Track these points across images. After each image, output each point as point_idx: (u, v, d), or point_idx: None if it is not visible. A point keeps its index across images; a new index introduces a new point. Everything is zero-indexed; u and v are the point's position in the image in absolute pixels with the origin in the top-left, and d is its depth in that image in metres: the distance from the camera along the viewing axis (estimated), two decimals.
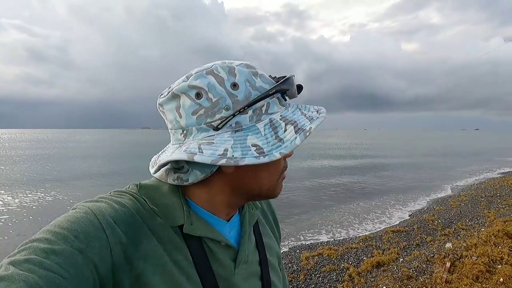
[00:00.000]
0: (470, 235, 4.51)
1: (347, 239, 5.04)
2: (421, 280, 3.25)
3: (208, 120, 0.46)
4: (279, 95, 0.50)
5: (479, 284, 3.03)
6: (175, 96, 0.48)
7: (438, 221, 5.58)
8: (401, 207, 7.21)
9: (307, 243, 4.99)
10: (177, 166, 0.50)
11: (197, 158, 0.43)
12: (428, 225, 5.39)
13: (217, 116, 0.46)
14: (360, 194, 9.00)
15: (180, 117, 0.48)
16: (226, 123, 0.46)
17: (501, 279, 3.07)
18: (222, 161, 0.42)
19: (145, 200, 0.49)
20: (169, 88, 0.49)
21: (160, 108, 0.51)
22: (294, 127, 0.47)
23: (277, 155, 0.44)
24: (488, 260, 3.48)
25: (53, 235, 0.38)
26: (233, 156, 0.43)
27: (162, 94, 0.50)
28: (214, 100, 0.46)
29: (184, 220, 0.49)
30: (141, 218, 0.47)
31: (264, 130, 0.46)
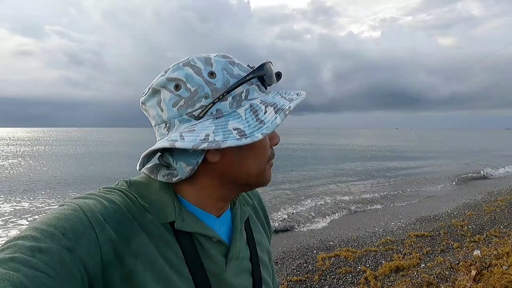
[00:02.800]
0: (503, 243, 4.19)
1: (367, 241, 4.90)
2: (442, 287, 3.09)
3: (189, 110, 0.47)
4: (258, 82, 0.52)
5: None
6: (155, 92, 0.49)
7: (467, 226, 5.23)
8: (428, 211, 6.84)
9: (325, 244, 4.92)
10: (164, 162, 0.51)
11: (178, 144, 0.44)
12: (457, 230, 5.07)
13: (197, 105, 0.47)
14: (384, 196, 8.67)
15: (162, 111, 0.48)
16: (207, 111, 0.47)
17: None
18: (204, 145, 0.43)
19: (135, 197, 0.49)
20: (150, 85, 0.50)
21: (143, 107, 0.52)
22: (274, 108, 0.48)
23: (258, 136, 0.44)
24: None
25: (40, 232, 0.37)
26: (214, 140, 0.44)
27: (143, 92, 0.51)
28: (192, 89, 0.47)
29: (176, 216, 0.49)
30: (132, 215, 0.46)
31: (245, 114, 0.47)
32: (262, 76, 0.51)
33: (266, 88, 0.54)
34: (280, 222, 6.34)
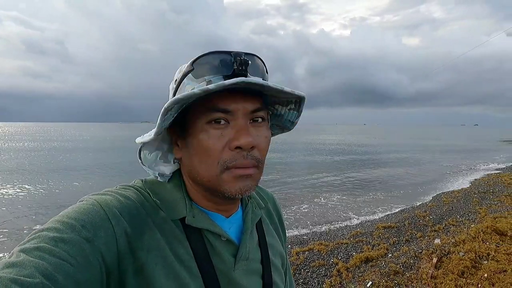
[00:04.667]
0: (460, 231, 4.56)
1: (339, 234, 5.09)
2: (408, 275, 3.29)
3: None
4: (212, 77, 0.47)
5: (464, 279, 3.07)
6: None
7: (429, 217, 5.63)
8: (393, 203, 7.26)
9: (299, 238, 5.04)
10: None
11: (136, 139, 0.51)
12: (419, 221, 5.43)
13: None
14: (355, 190, 9.05)
15: None
16: None
17: (486, 275, 3.11)
18: (138, 140, 0.50)
19: (149, 194, 0.52)
20: None
21: None
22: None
23: (152, 136, 0.47)
24: (475, 256, 3.52)
25: (62, 224, 0.40)
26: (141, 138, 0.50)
27: None
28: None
29: (187, 212, 0.51)
30: (145, 210, 0.49)
31: None
32: (189, 72, 0.47)
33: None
34: None
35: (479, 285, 2.94)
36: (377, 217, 6.14)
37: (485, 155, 19.83)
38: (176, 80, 0.50)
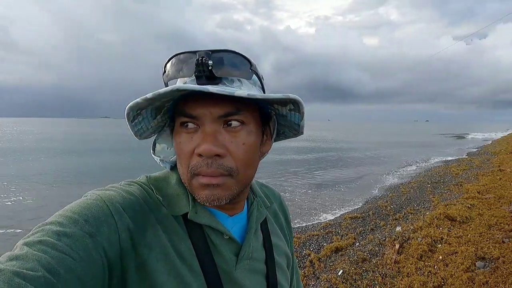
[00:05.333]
0: (417, 219, 4.98)
1: (310, 227, 5.29)
2: (374, 261, 3.54)
3: None
4: (171, 79, 0.50)
5: (422, 262, 3.38)
6: None
7: (390, 206, 6.07)
8: (358, 195, 7.70)
9: None
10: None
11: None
12: (382, 210, 5.83)
13: None
14: (321, 184, 9.43)
15: None
16: None
17: (440, 257, 3.46)
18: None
19: (152, 190, 0.51)
20: None
21: None
22: None
23: (137, 138, 0.50)
24: (431, 240, 3.89)
25: (65, 219, 0.40)
26: None
27: None
28: None
29: (189, 208, 0.50)
30: (148, 207, 0.48)
31: None
32: (163, 74, 0.50)
33: (205, 82, 0.46)
34: None
35: (435, 267, 3.26)
36: (344, 209, 6.47)
37: (435, 148, 21.77)
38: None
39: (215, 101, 0.45)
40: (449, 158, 14.88)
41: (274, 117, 0.56)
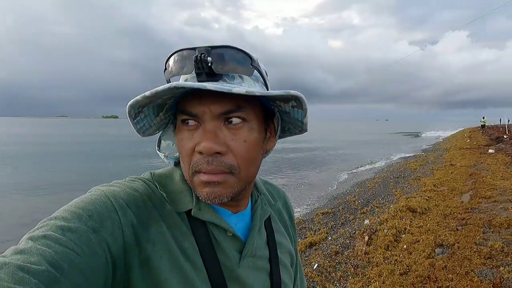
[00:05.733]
0: (382, 212, 5.32)
1: None
2: (346, 254, 3.73)
3: None
4: (172, 77, 0.50)
5: (389, 252, 3.63)
6: None
7: (358, 201, 6.41)
8: (327, 191, 8.03)
9: None
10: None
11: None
12: (351, 205, 6.14)
13: None
14: (288, 183, 9.67)
15: None
16: None
17: (405, 246, 3.74)
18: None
19: (156, 187, 0.51)
20: None
21: None
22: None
23: (140, 135, 0.51)
24: (396, 231, 4.18)
25: (69, 214, 0.40)
26: None
27: None
28: None
29: (193, 204, 0.50)
30: (152, 203, 0.48)
31: None
32: (164, 71, 0.50)
33: (206, 79, 0.46)
34: None
35: (401, 255, 3.52)
36: (316, 205, 6.70)
37: (395, 146, 23.33)
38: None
39: (215, 98, 0.44)
40: (408, 155, 16.04)
41: (277, 114, 0.55)
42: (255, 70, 0.49)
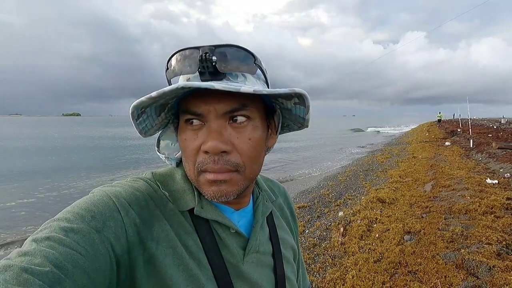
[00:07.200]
0: (355, 203, 5.58)
1: None
2: (323, 245, 3.87)
3: None
4: (174, 77, 0.49)
5: (363, 241, 3.83)
6: None
7: (331, 194, 6.65)
8: (301, 185, 8.24)
9: None
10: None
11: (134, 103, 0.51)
12: (325, 198, 6.36)
13: None
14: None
15: None
16: None
17: (377, 235, 3.96)
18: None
19: (158, 186, 0.51)
20: None
21: None
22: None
23: (142, 136, 0.50)
24: (368, 221, 4.41)
25: (72, 215, 0.40)
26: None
27: None
28: None
29: (195, 203, 0.50)
30: (154, 202, 0.48)
31: None
32: (166, 71, 0.49)
33: (209, 78, 0.46)
34: None
35: (373, 244, 3.73)
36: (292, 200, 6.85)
37: (363, 139, 24.47)
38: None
39: (219, 97, 0.45)
40: (374, 148, 16.91)
41: (278, 111, 0.56)
42: (257, 69, 0.50)
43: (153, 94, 0.41)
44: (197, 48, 0.45)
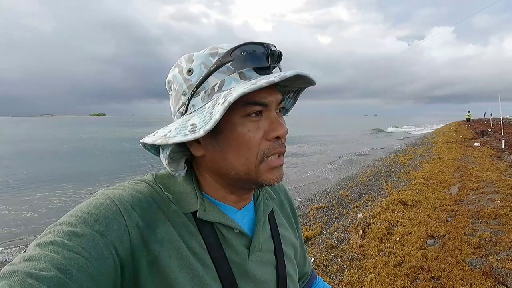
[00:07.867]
0: (375, 205, 5.43)
1: None
2: (341, 247, 3.80)
3: (177, 107, 0.52)
4: (241, 69, 0.47)
5: (383, 244, 3.72)
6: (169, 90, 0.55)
7: (351, 195, 6.51)
8: (322, 185, 8.13)
9: None
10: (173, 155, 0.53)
11: (143, 140, 0.50)
12: (344, 199, 6.24)
13: (180, 103, 0.51)
14: (290, 179, 9.73)
15: (170, 108, 0.55)
16: (187, 107, 0.50)
17: (398, 238, 3.84)
18: (158, 141, 0.47)
19: (160, 188, 0.52)
20: None
21: None
22: (225, 100, 0.43)
23: (201, 132, 0.43)
24: (389, 224, 4.28)
25: (75, 219, 0.41)
26: (169, 135, 0.47)
27: None
28: (177, 88, 0.51)
29: (198, 206, 0.51)
30: (157, 204, 0.49)
31: (208, 108, 0.46)
32: (228, 62, 0.47)
33: (262, 74, 0.48)
34: None
35: (394, 247, 3.61)
36: (310, 200, 6.78)
37: (386, 140, 23.72)
38: (195, 70, 0.49)
39: (275, 88, 0.50)
40: (397, 148, 16.35)
41: None
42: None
43: (276, 79, 0.42)
44: (262, 44, 0.48)
